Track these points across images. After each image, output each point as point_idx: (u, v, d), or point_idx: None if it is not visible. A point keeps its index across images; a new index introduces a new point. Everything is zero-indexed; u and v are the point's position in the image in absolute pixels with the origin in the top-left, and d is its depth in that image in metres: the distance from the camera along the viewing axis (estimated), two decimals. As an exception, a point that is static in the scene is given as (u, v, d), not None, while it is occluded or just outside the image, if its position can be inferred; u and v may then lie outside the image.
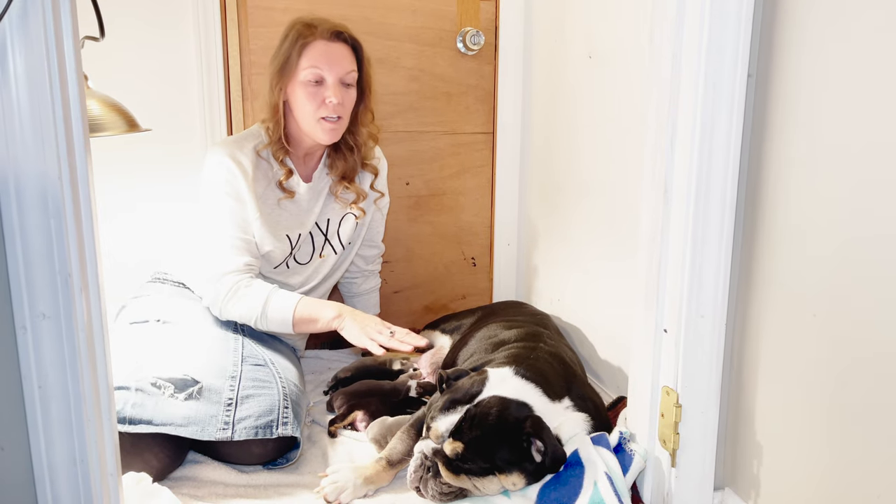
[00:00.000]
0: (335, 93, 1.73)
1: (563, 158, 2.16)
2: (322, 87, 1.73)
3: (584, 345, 2.06)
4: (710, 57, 1.16)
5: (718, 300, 1.26)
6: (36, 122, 0.88)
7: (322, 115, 1.74)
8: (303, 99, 1.73)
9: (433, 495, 1.36)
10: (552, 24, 2.18)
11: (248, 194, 1.74)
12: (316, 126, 1.75)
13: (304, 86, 1.72)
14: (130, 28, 2.01)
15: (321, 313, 1.72)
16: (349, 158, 1.90)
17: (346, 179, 1.92)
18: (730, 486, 1.34)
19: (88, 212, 0.95)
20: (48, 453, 0.97)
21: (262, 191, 1.78)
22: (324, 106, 1.73)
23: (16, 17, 0.86)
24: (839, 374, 1.07)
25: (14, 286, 0.92)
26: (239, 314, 1.73)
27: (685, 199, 1.23)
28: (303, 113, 1.75)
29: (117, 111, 1.50)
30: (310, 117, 1.74)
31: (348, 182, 1.92)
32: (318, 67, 1.71)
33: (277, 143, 1.79)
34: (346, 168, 1.91)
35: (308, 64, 1.71)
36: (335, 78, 1.73)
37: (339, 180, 1.92)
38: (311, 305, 1.73)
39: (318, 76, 1.72)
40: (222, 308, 1.73)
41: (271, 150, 1.80)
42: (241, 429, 1.48)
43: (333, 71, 1.73)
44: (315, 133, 1.77)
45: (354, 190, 1.94)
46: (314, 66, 1.71)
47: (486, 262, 2.58)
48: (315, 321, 1.73)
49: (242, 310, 1.72)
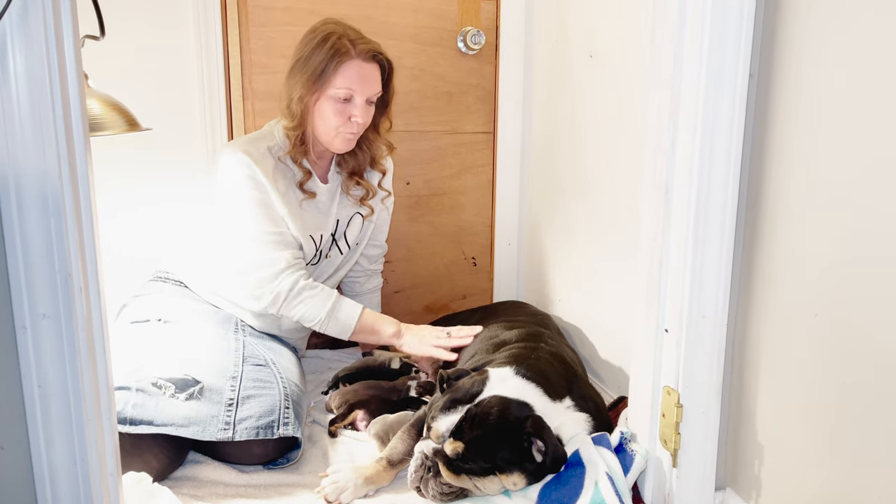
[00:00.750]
0: (362, 113, 1.74)
1: (563, 158, 2.15)
2: (349, 105, 1.74)
3: (584, 345, 2.05)
4: (712, 57, 1.16)
5: (720, 300, 1.25)
6: (36, 120, 0.88)
7: (345, 130, 1.76)
8: (329, 113, 1.73)
9: (434, 495, 1.36)
10: (553, 23, 2.18)
11: (272, 193, 1.73)
12: (336, 137, 1.77)
13: (334, 101, 1.72)
14: (131, 27, 2.01)
15: (382, 328, 1.82)
16: (359, 155, 1.90)
17: (357, 175, 1.93)
18: (731, 486, 1.34)
19: (88, 211, 0.95)
20: (48, 453, 0.97)
21: (284, 190, 1.78)
22: (348, 123, 1.75)
23: (16, 16, 0.86)
24: (841, 374, 1.07)
25: (14, 285, 0.91)
26: (302, 314, 1.75)
27: (686, 199, 1.23)
28: (326, 125, 1.76)
29: (117, 110, 1.50)
30: (332, 130, 1.76)
31: (359, 177, 1.93)
32: (352, 89, 1.72)
33: (299, 148, 1.79)
34: (355, 164, 1.91)
35: (342, 84, 1.70)
36: (363, 99, 1.74)
37: (350, 176, 1.92)
38: (373, 318, 1.83)
39: (349, 96, 1.73)
40: (285, 309, 1.75)
41: (291, 154, 1.79)
42: (242, 429, 1.47)
43: (364, 92, 1.74)
44: (331, 143, 1.79)
45: (365, 186, 1.94)
46: (348, 88, 1.71)
47: (486, 262, 2.57)
48: (375, 333, 1.82)
49: (307, 311, 1.75)
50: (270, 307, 1.76)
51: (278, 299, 1.73)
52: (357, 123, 1.75)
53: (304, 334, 2.03)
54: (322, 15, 2.12)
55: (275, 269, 1.73)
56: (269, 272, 1.73)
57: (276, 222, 1.74)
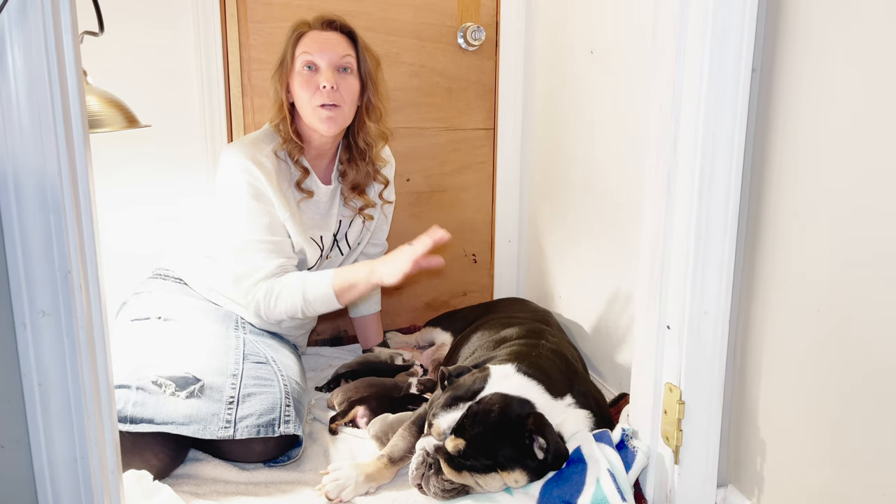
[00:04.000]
0: (328, 77, 1.71)
1: (564, 154, 2.15)
2: (316, 74, 1.73)
3: (585, 341, 2.05)
4: (714, 51, 1.16)
5: (722, 297, 1.25)
6: (35, 117, 0.88)
7: (318, 103, 1.72)
8: (299, 88, 1.73)
9: (435, 492, 1.36)
10: (553, 19, 2.17)
11: (273, 194, 1.72)
12: (314, 115, 1.73)
13: (299, 74, 1.73)
14: (130, 23, 2.00)
15: (357, 276, 1.72)
16: (361, 168, 1.89)
17: (357, 190, 1.92)
18: (733, 482, 1.34)
19: (88, 208, 0.95)
20: (48, 451, 0.96)
21: (285, 191, 1.77)
22: (318, 92, 1.71)
23: (14, 12, 0.85)
24: (842, 370, 1.06)
25: (13, 283, 0.91)
26: (284, 311, 1.73)
27: (688, 196, 1.23)
28: (301, 103, 1.74)
29: (116, 107, 1.50)
30: (307, 105, 1.73)
31: (359, 193, 1.92)
32: (310, 53, 1.72)
33: (290, 143, 1.78)
34: (357, 178, 1.90)
35: (301, 51, 1.73)
36: (328, 63, 1.73)
37: (351, 189, 1.91)
38: (344, 274, 1.74)
39: (310, 62, 1.72)
40: (268, 314, 1.74)
41: (286, 149, 1.78)
42: (242, 427, 1.47)
43: (325, 56, 1.73)
44: (314, 123, 1.74)
45: (364, 200, 1.94)
46: (306, 53, 1.73)
47: (486, 259, 2.57)
48: (355, 286, 1.72)
49: (286, 306, 1.72)
50: (256, 316, 1.77)
51: (259, 307, 1.73)
52: (327, 90, 1.71)
53: (304, 331, 2.02)
54: (320, 11, 2.12)
55: (255, 278, 1.72)
56: (251, 281, 1.73)
57: (271, 230, 1.73)
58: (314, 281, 1.72)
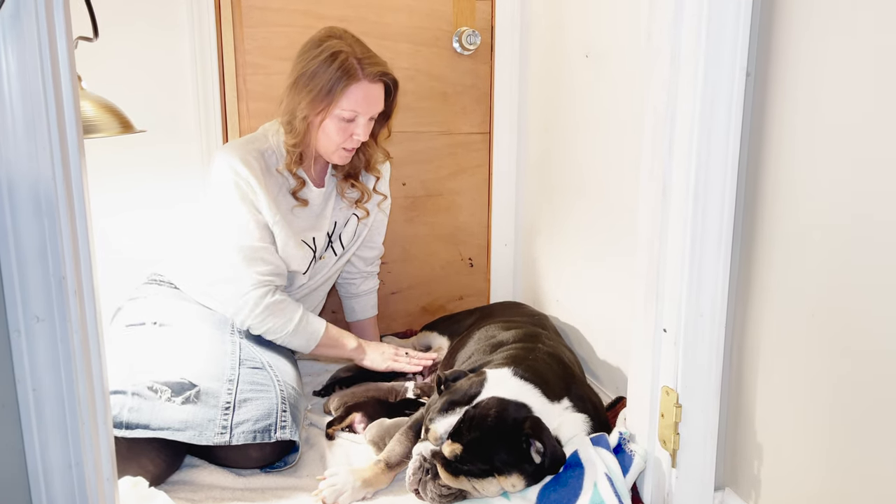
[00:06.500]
0: (364, 132, 1.74)
1: (560, 158, 2.15)
2: (353, 124, 1.73)
3: (582, 345, 2.05)
4: (709, 55, 1.16)
5: (718, 299, 1.25)
6: (29, 122, 0.87)
7: (345, 146, 1.76)
8: (333, 131, 1.73)
9: (432, 497, 1.35)
10: (548, 23, 2.18)
11: (262, 198, 1.72)
12: (334, 153, 1.78)
13: (338, 120, 1.72)
14: (124, 28, 2.00)
15: (346, 342, 1.90)
16: (354, 158, 1.89)
17: (352, 177, 1.92)
18: (730, 486, 1.34)
19: (82, 213, 0.94)
20: (43, 458, 0.96)
21: (275, 195, 1.77)
22: (349, 140, 1.75)
23: (8, 17, 0.85)
24: (839, 373, 1.07)
25: (7, 288, 0.91)
26: (267, 328, 1.76)
27: (684, 198, 1.23)
28: (327, 142, 1.75)
29: (111, 112, 1.49)
30: (332, 145, 1.76)
31: (354, 180, 1.92)
32: (358, 112, 1.71)
33: (294, 159, 1.78)
34: (350, 167, 1.91)
35: (348, 106, 1.69)
36: (367, 118, 1.74)
37: (345, 178, 1.92)
38: (337, 332, 1.89)
39: (354, 117, 1.72)
40: (250, 324, 1.76)
41: (285, 162, 1.78)
42: (239, 433, 1.46)
43: (369, 113, 1.74)
44: (330, 157, 1.80)
45: (360, 188, 1.94)
46: (354, 110, 1.70)
47: (483, 263, 2.57)
48: (338, 347, 1.89)
49: (272, 325, 1.76)
50: (237, 320, 1.77)
51: (241, 313, 1.74)
52: (357, 140, 1.76)
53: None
54: (316, 16, 2.13)
55: (238, 287, 1.73)
56: (240, 288, 1.73)
57: (258, 236, 1.73)
58: (311, 321, 1.82)
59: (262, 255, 1.74)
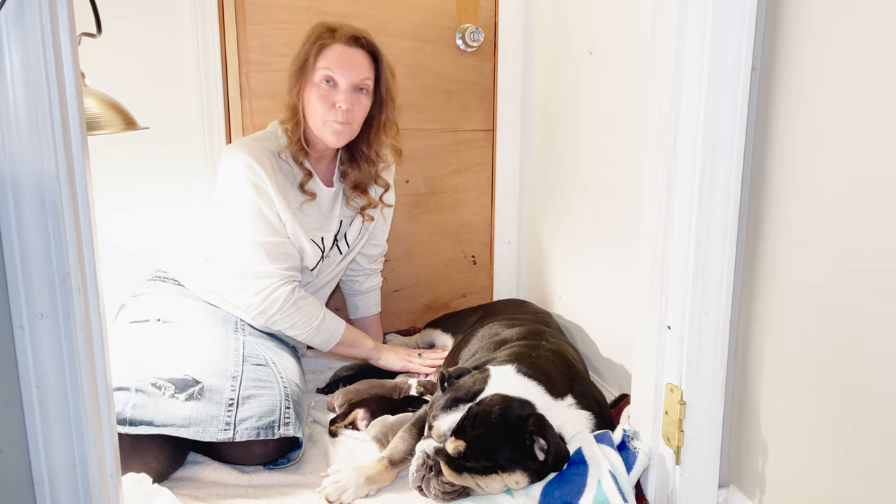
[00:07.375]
0: (345, 98, 1.72)
1: (563, 155, 2.15)
2: (334, 91, 1.73)
3: (585, 342, 2.05)
4: (714, 51, 1.15)
5: (723, 297, 1.25)
6: (32, 119, 0.87)
7: (331, 119, 1.74)
8: (314, 100, 1.73)
9: (436, 494, 1.35)
10: (552, 20, 2.17)
11: (274, 193, 1.72)
12: (324, 127, 1.75)
13: (317, 87, 1.72)
14: (128, 25, 2.00)
15: (363, 342, 1.95)
16: (363, 169, 1.89)
17: (359, 189, 1.92)
18: (734, 483, 1.34)
19: (86, 210, 0.94)
20: (47, 455, 0.96)
21: (287, 192, 1.77)
22: (333, 110, 1.73)
23: (12, 13, 0.85)
24: (844, 371, 1.06)
25: (11, 286, 0.91)
26: (291, 324, 1.78)
27: (689, 195, 1.22)
28: (313, 113, 1.75)
29: (115, 109, 1.49)
30: (318, 118, 1.74)
31: (361, 192, 1.92)
32: (331, 70, 1.71)
33: (297, 145, 1.78)
34: (358, 178, 1.90)
35: (322, 66, 1.71)
36: (347, 83, 1.73)
37: (353, 189, 1.92)
38: (356, 333, 1.94)
39: (329, 78, 1.72)
40: (277, 319, 1.76)
41: (291, 151, 1.78)
42: (242, 429, 1.46)
43: (346, 75, 1.72)
44: (323, 134, 1.77)
45: (367, 199, 1.94)
46: (327, 69, 1.71)
47: (486, 260, 2.57)
48: (356, 347, 1.94)
49: (297, 321, 1.78)
50: (258, 318, 1.77)
51: (268, 310, 1.74)
52: (342, 110, 1.72)
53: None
54: (319, 12, 2.13)
55: (267, 283, 1.73)
56: (261, 285, 1.73)
57: (275, 231, 1.74)
58: (332, 319, 1.86)
59: (284, 250, 1.75)
